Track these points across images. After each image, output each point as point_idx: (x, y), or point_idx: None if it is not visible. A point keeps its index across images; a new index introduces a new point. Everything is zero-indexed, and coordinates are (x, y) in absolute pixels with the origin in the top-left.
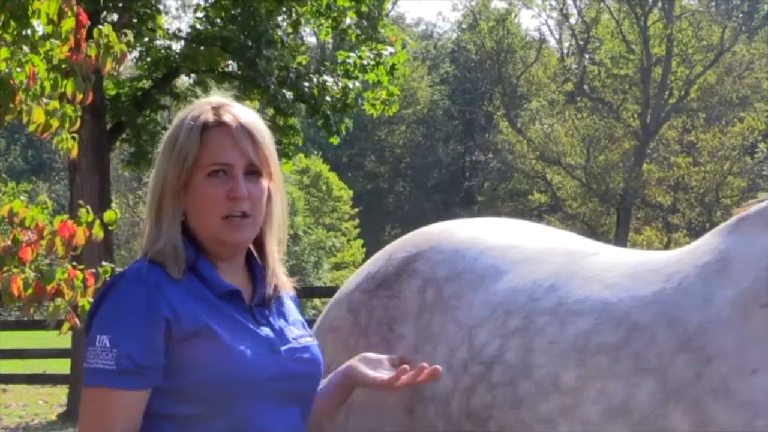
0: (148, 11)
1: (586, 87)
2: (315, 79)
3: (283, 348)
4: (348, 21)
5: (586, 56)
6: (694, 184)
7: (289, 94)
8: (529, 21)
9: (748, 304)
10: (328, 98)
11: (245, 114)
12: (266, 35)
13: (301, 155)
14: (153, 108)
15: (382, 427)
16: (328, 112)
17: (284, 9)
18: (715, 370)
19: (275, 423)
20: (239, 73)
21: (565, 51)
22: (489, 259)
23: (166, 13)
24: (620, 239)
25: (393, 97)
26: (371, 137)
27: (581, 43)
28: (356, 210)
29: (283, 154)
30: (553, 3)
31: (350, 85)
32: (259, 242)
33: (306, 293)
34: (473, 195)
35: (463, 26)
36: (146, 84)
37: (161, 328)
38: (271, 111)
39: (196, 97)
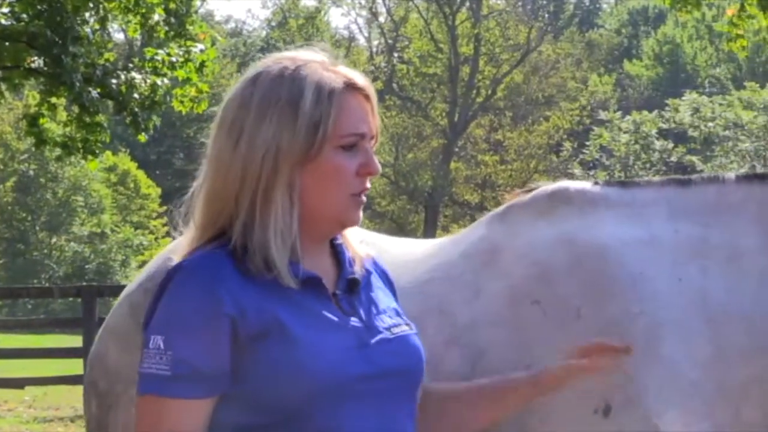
0: None
1: (395, 85)
2: (123, 76)
3: (373, 341)
4: (156, 17)
5: (395, 55)
6: (501, 182)
7: (95, 92)
8: (338, 19)
9: (519, 299)
10: (135, 95)
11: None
12: (73, 31)
13: (109, 153)
14: None
15: None
16: (136, 110)
17: (91, 5)
18: (488, 363)
19: (371, 428)
20: (45, 69)
21: (374, 49)
22: None
23: None
24: (428, 237)
25: (202, 95)
26: (180, 135)
27: (390, 41)
28: (164, 208)
29: (90, 151)
30: (363, 2)
31: (159, 83)
32: None
33: (112, 292)
34: None
35: (273, 24)
36: None
37: (225, 327)
38: (76, 108)
39: (1, 93)
